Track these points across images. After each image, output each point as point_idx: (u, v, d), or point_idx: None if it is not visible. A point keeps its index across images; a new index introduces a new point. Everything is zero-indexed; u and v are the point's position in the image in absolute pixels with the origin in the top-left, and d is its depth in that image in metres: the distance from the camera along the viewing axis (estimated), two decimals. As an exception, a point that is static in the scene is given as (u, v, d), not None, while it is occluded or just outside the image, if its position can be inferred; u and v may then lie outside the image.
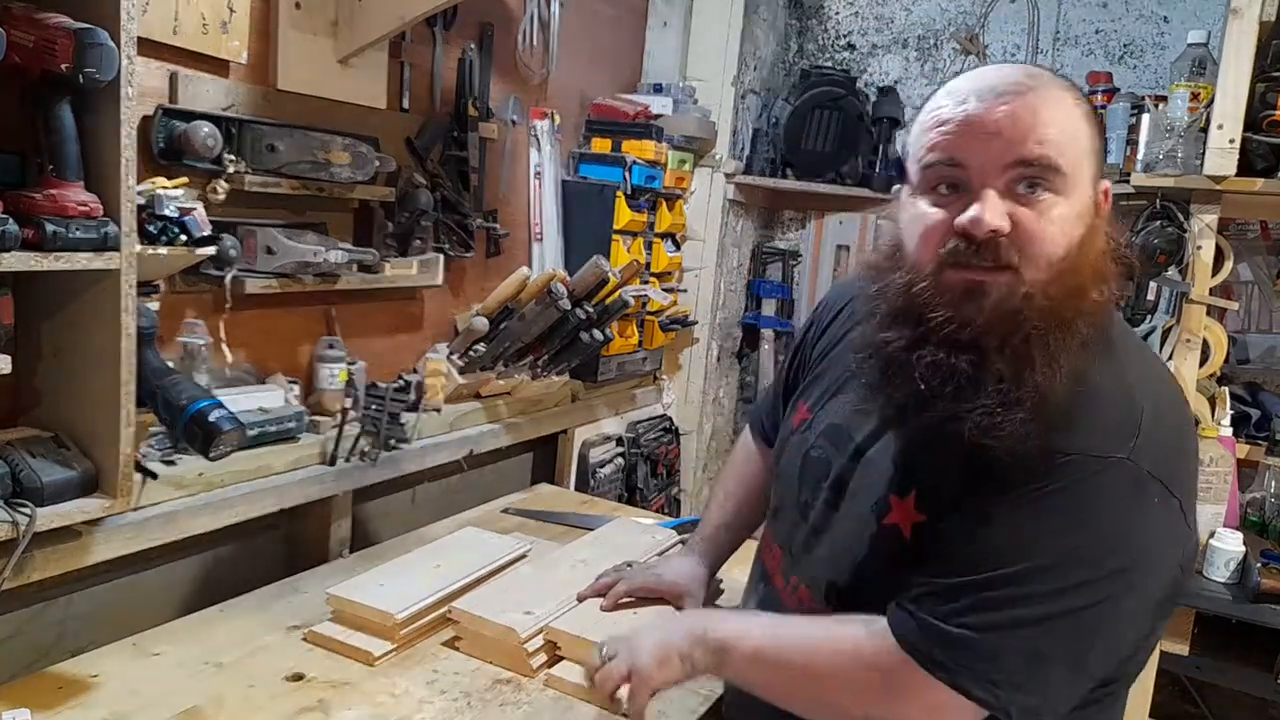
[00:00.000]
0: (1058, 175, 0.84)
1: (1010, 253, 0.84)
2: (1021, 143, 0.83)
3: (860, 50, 3.05)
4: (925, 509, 0.93)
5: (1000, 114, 0.83)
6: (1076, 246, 0.85)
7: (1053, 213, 0.84)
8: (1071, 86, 0.89)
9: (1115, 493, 0.83)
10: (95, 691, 1.21)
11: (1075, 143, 0.85)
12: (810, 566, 1.06)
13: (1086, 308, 0.86)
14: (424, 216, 1.90)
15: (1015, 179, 0.84)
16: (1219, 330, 2.00)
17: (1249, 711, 2.22)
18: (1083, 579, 0.82)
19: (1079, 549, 0.83)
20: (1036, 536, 0.84)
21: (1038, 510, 0.84)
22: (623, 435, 2.69)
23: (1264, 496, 2.07)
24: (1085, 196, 0.86)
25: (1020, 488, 0.84)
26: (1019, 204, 0.84)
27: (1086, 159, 0.86)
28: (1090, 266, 0.87)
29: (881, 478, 0.97)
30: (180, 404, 1.31)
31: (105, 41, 1.12)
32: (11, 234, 1.09)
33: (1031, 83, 0.85)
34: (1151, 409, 0.86)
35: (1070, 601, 0.82)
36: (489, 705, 1.25)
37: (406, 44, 1.90)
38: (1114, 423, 0.85)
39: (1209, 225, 1.92)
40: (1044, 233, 0.84)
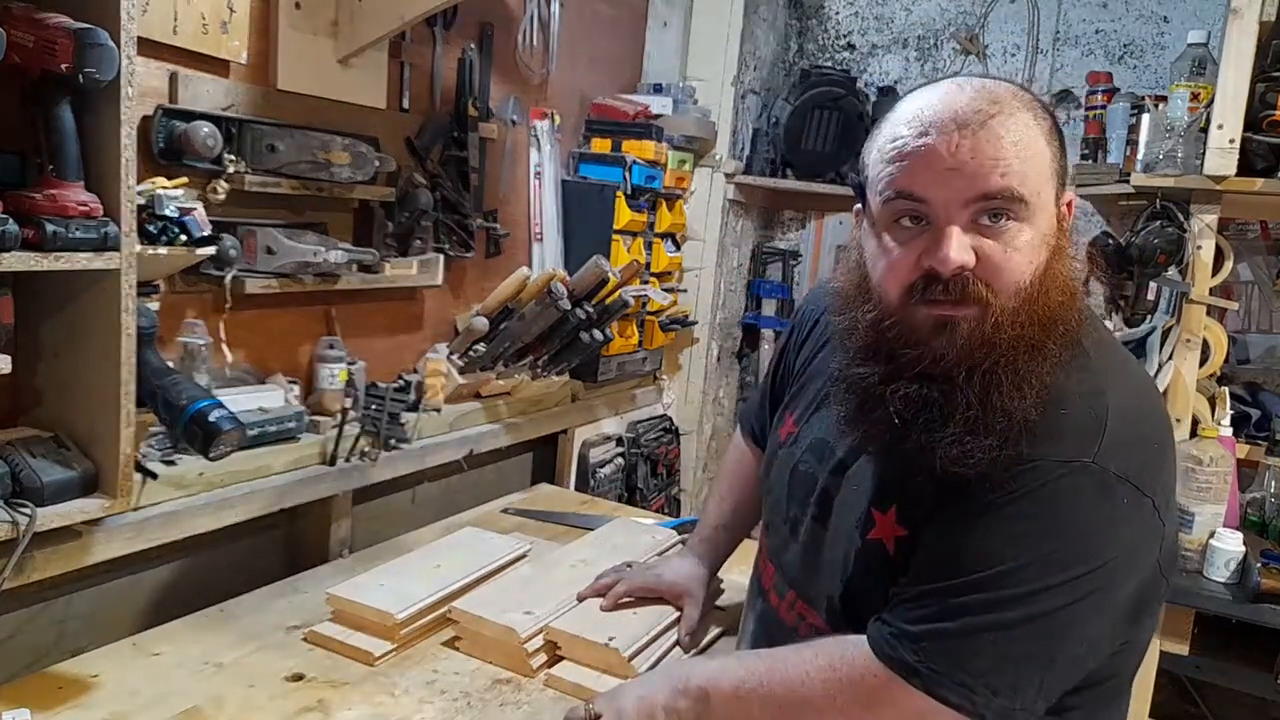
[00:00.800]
0: (1021, 204, 0.83)
1: (977, 286, 0.84)
2: (984, 177, 0.82)
3: (860, 50, 3.05)
4: (906, 524, 0.94)
5: (961, 148, 0.82)
6: (1043, 269, 0.86)
7: (1017, 241, 0.84)
8: (1032, 103, 0.87)
9: (1081, 496, 0.83)
10: (95, 692, 1.20)
11: (1037, 168, 0.84)
12: (807, 583, 1.06)
13: (1056, 328, 0.86)
14: (424, 216, 1.90)
15: (979, 211, 0.84)
16: (1219, 330, 2.00)
17: (1249, 711, 2.22)
18: (1050, 582, 0.83)
19: (1046, 552, 0.83)
20: (1003, 542, 0.84)
21: (1003, 516, 0.85)
22: (623, 435, 2.69)
23: (1264, 496, 2.07)
24: (1049, 217, 0.86)
25: (987, 497, 0.85)
26: (983, 235, 0.84)
27: (1049, 180, 0.86)
28: (1059, 287, 0.87)
29: (863, 493, 0.98)
30: (180, 404, 1.31)
31: (105, 41, 1.12)
32: (12, 234, 1.09)
33: (992, 109, 0.83)
34: (1118, 412, 0.86)
35: (1040, 604, 0.82)
36: (489, 705, 1.25)
37: (406, 44, 1.90)
38: (1078, 428, 0.85)
39: (1209, 225, 1.92)
40: (1009, 262, 0.84)
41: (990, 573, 0.84)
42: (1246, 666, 1.88)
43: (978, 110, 0.83)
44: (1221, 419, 1.97)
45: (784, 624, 1.10)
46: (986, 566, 0.84)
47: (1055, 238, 0.87)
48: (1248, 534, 1.93)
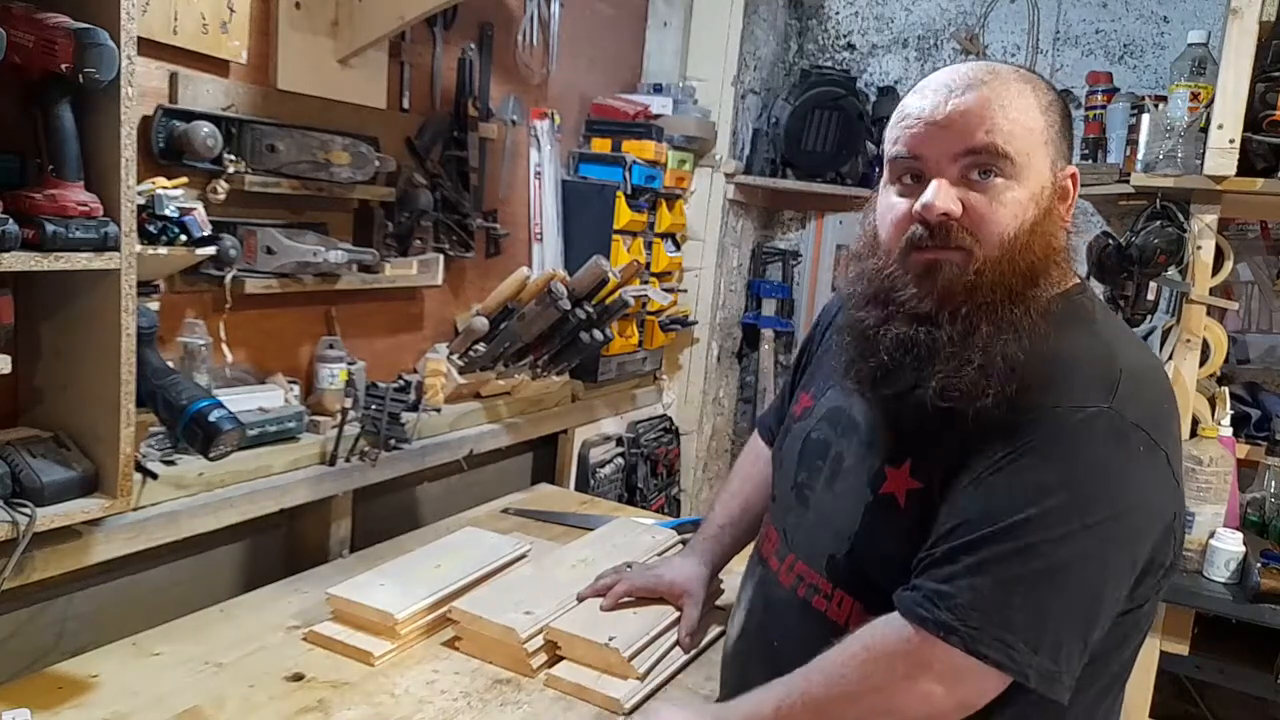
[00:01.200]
0: (1006, 161, 0.90)
1: (961, 234, 0.91)
2: (971, 133, 0.90)
3: (860, 50, 3.05)
4: (921, 477, 0.95)
5: (952, 107, 0.91)
6: (1029, 226, 0.91)
7: (1004, 196, 0.90)
8: (1033, 79, 0.94)
9: (1098, 440, 0.85)
10: (95, 691, 1.21)
11: (1028, 131, 0.91)
12: (808, 543, 1.07)
13: (1040, 281, 0.91)
14: (424, 216, 1.90)
15: (967, 166, 0.91)
16: (1219, 330, 2.00)
17: (1249, 711, 2.22)
18: (1074, 527, 0.83)
19: (1068, 497, 0.84)
20: (1026, 488, 0.85)
21: (1023, 465, 0.86)
22: (623, 435, 2.69)
23: (1264, 496, 2.07)
24: (1041, 181, 0.92)
25: (1005, 446, 0.87)
26: (971, 189, 0.91)
27: (1042, 146, 0.92)
28: (1043, 244, 0.92)
29: (876, 450, 1.00)
30: (180, 404, 1.31)
31: (105, 41, 1.12)
32: (12, 234, 1.09)
33: (988, 78, 0.92)
34: (1130, 369, 0.90)
35: (1069, 549, 0.83)
36: (489, 705, 1.25)
37: (406, 44, 1.90)
38: (1092, 379, 0.88)
39: (1209, 225, 1.92)
40: (994, 214, 0.90)
41: (1017, 519, 0.84)
42: (1246, 666, 1.88)
43: (972, 78, 0.92)
44: (1221, 419, 1.97)
45: (781, 585, 1.09)
46: (1012, 515, 0.85)
47: (1048, 201, 0.93)
48: (1247, 534, 1.93)
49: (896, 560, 0.94)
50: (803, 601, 1.05)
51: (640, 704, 1.28)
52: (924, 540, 0.92)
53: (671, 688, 1.34)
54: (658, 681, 1.32)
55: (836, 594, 1.01)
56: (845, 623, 0.98)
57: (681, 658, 1.38)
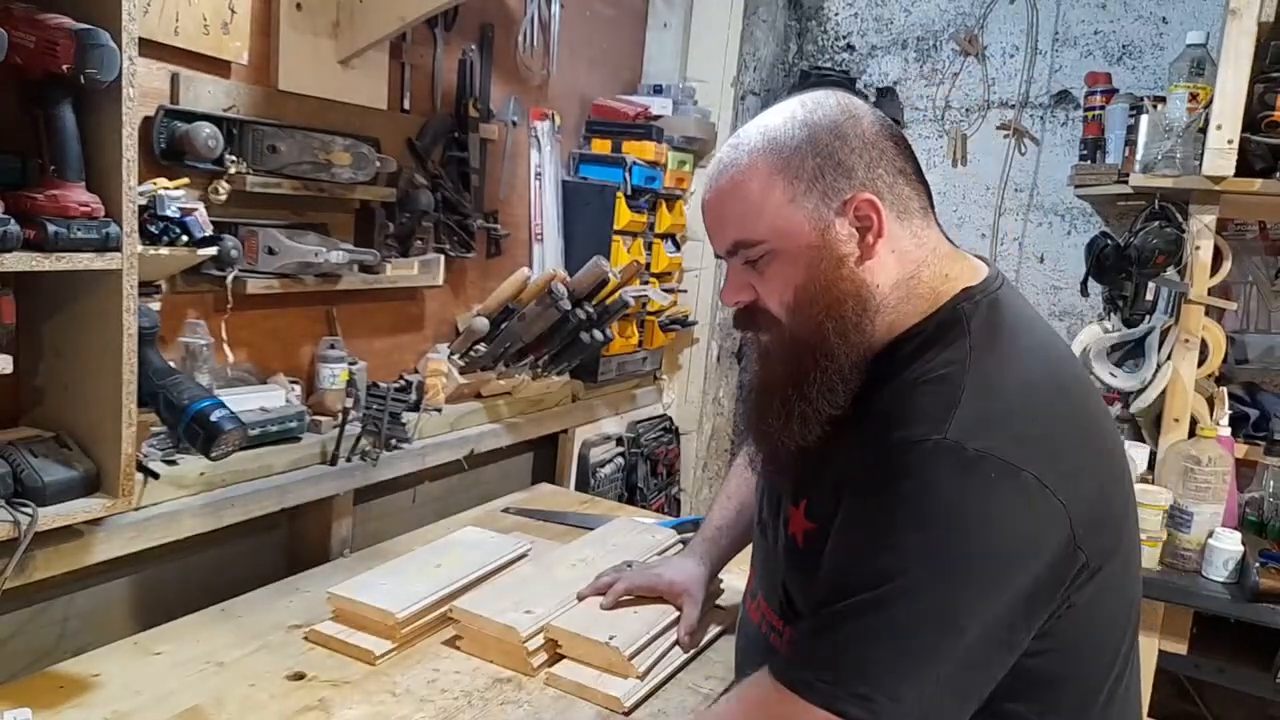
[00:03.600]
0: (756, 245, 0.94)
1: (760, 314, 0.98)
2: (724, 232, 0.98)
3: (859, 51, 3.05)
4: (813, 517, 0.95)
5: (707, 209, 1.00)
6: (805, 282, 0.93)
7: (769, 271, 0.95)
8: (764, 147, 0.94)
9: (935, 473, 0.80)
10: (96, 691, 1.21)
11: (768, 204, 0.93)
12: (766, 581, 1.09)
13: (832, 327, 0.92)
14: (425, 217, 1.91)
15: (740, 257, 0.97)
16: (1217, 330, 2.01)
17: (1248, 711, 2.22)
18: (929, 569, 0.79)
19: (918, 538, 0.80)
20: (875, 535, 0.82)
21: (870, 510, 0.84)
22: (623, 435, 2.69)
23: (1262, 496, 2.07)
24: (804, 236, 0.92)
25: (859, 495, 0.87)
26: (750, 272, 0.97)
27: (786, 207, 0.92)
28: (829, 291, 0.92)
29: (785, 490, 1.02)
30: (182, 404, 1.31)
31: (106, 42, 1.12)
32: (13, 234, 1.09)
33: (724, 174, 0.96)
34: (980, 385, 0.84)
35: (924, 596, 0.79)
36: (489, 704, 1.25)
37: (407, 45, 1.91)
38: (925, 409, 0.84)
39: (1207, 226, 1.92)
40: (770, 290, 0.95)
41: (869, 571, 0.81)
42: (1245, 666, 1.88)
43: (719, 169, 0.98)
44: (1220, 419, 1.97)
45: (751, 622, 1.12)
46: (866, 565, 0.82)
47: (819, 251, 0.92)
48: (1246, 534, 1.93)
49: (808, 600, 0.93)
50: (764, 638, 1.07)
51: (640, 703, 1.28)
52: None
53: (671, 687, 1.34)
54: (658, 680, 1.33)
55: (786, 631, 1.02)
56: None
57: (681, 657, 1.38)
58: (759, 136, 0.95)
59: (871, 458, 0.85)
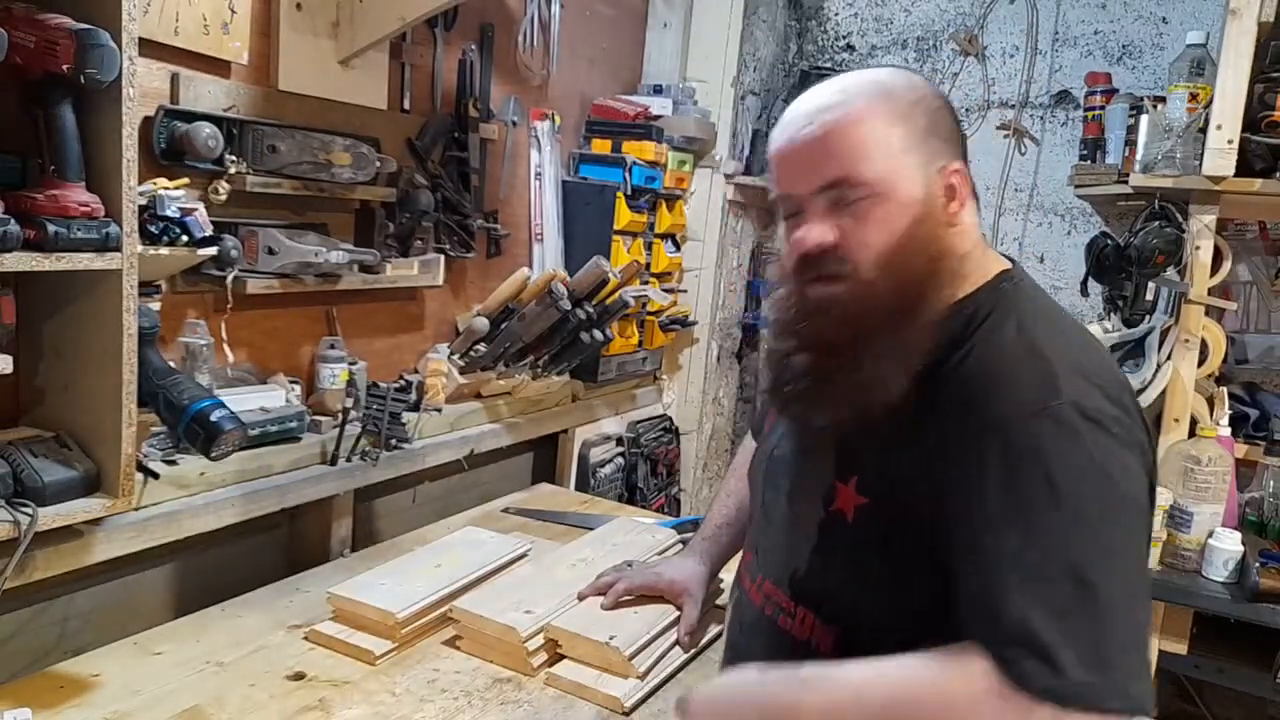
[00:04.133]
0: (864, 186, 0.91)
1: (840, 262, 0.92)
2: (821, 168, 0.92)
3: (859, 51, 3.05)
4: (867, 492, 0.94)
5: (802, 143, 0.94)
6: (902, 239, 0.91)
7: (871, 215, 0.91)
8: (888, 86, 0.94)
9: (1074, 436, 0.82)
10: (96, 691, 1.21)
11: (881, 148, 0.91)
12: (773, 561, 1.07)
13: (928, 287, 0.92)
14: (425, 217, 1.91)
15: (832, 198, 0.92)
16: (1217, 330, 2.01)
17: (1247, 711, 2.22)
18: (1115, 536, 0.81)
19: (1086, 508, 0.81)
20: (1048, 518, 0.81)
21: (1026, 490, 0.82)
22: (623, 435, 2.69)
23: (1262, 496, 2.07)
24: (910, 189, 0.92)
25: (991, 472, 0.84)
26: (843, 214, 0.92)
27: (901, 155, 0.92)
28: (927, 249, 0.92)
29: (826, 467, 1.00)
30: (182, 404, 1.31)
31: (106, 42, 1.12)
32: (13, 234, 1.09)
33: (836, 99, 0.93)
34: (1059, 357, 0.87)
35: (1116, 563, 0.81)
36: (489, 704, 1.25)
37: (407, 45, 1.91)
38: (1031, 377, 0.86)
39: (1207, 226, 1.92)
40: (864, 237, 0.91)
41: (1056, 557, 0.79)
42: (1245, 666, 1.88)
43: (820, 106, 0.94)
44: (1220, 419, 1.97)
45: (753, 605, 1.09)
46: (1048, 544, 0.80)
47: (923, 207, 0.92)
48: (1246, 534, 1.94)
49: (852, 575, 0.94)
50: (769, 620, 1.04)
51: (640, 703, 1.28)
52: (875, 554, 0.92)
53: (671, 687, 1.34)
54: (658, 680, 1.33)
55: (799, 611, 1.00)
56: (808, 639, 0.98)
57: (681, 657, 1.38)
58: (871, 86, 0.94)
59: (976, 436, 0.85)
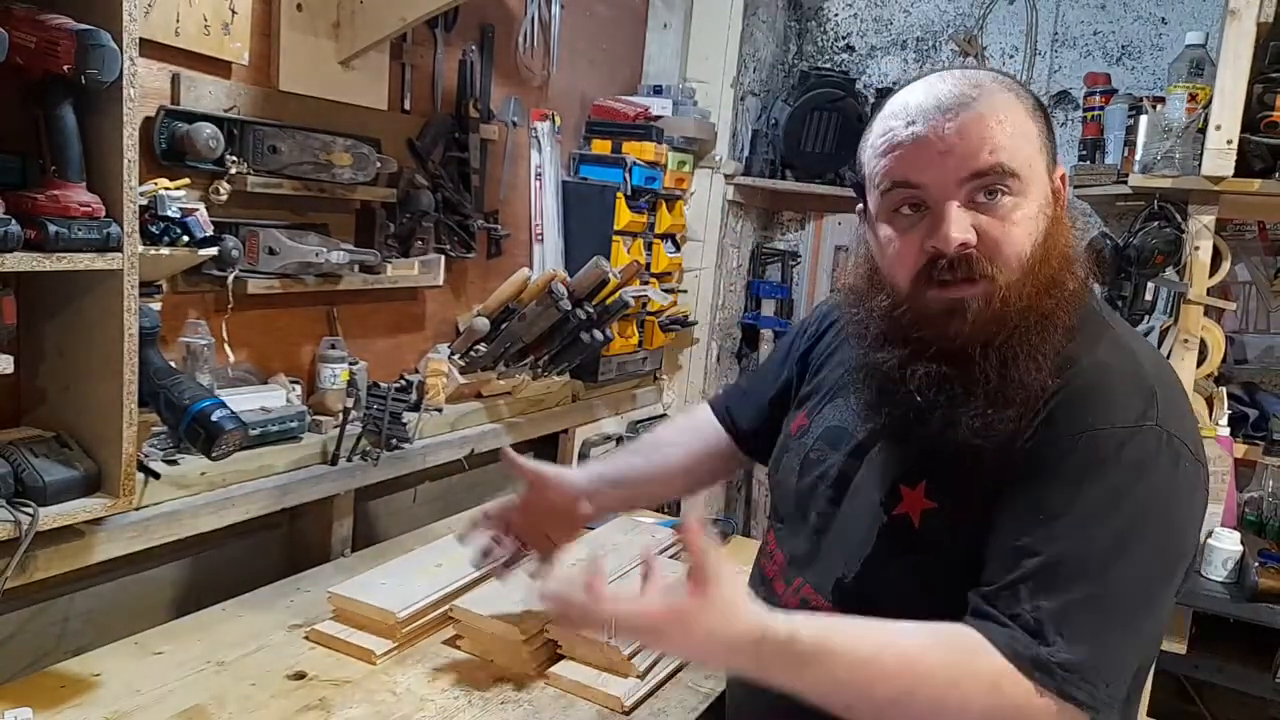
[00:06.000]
0: (1013, 179, 0.87)
1: (981, 263, 0.87)
2: (974, 155, 0.86)
3: (859, 52, 3.05)
4: (936, 497, 0.93)
5: (949, 130, 0.86)
6: (1042, 240, 0.89)
7: (1015, 214, 0.87)
8: (1014, 85, 0.92)
9: (1154, 460, 0.84)
10: (97, 690, 1.21)
11: (1026, 142, 0.88)
12: (816, 567, 1.05)
13: (1063, 295, 0.89)
14: (425, 217, 1.91)
15: (974, 190, 0.87)
16: (1217, 330, 2.01)
17: (1247, 710, 2.22)
18: (1148, 562, 0.83)
19: (1142, 529, 0.83)
20: (1094, 516, 0.83)
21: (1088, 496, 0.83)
22: (623, 435, 2.69)
23: (1261, 496, 2.08)
24: (1043, 190, 0.90)
25: (1058, 472, 0.85)
26: (981, 213, 0.87)
27: (1038, 154, 0.89)
28: (1059, 255, 0.90)
29: (889, 471, 0.98)
30: (183, 404, 1.31)
31: (107, 43, 1.12)
32: (14, 234, 1.09)
33: (975, 92, 0.88)
34: (1158, 377, 0.89)
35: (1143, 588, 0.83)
36: (490, 704, 1.26)
37: (407, 45, 1.91)
38: (1130, 395, 0.87)
39: (1207, 226, 1.93)
40: (1009, 236, 0.87)
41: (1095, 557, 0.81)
42: (1244, 666, 1.89)
43: (960, 94, 0.88)
44: (1219, 419, 1.98)
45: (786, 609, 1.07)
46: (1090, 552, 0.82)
47: (1051, 208, 0.90)
48: (1245, 533, 1.94)
49: (908, 580, 0.93)
50: None
51: (640, 702, 1.28)
52: (939, 558, 0.91)
53: (671, 686, 1.34)
54: (658, 680, 1.33)
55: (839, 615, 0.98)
56: None
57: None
58: (1001, 81, 0.91)
59: (1065, 440, 0.85)
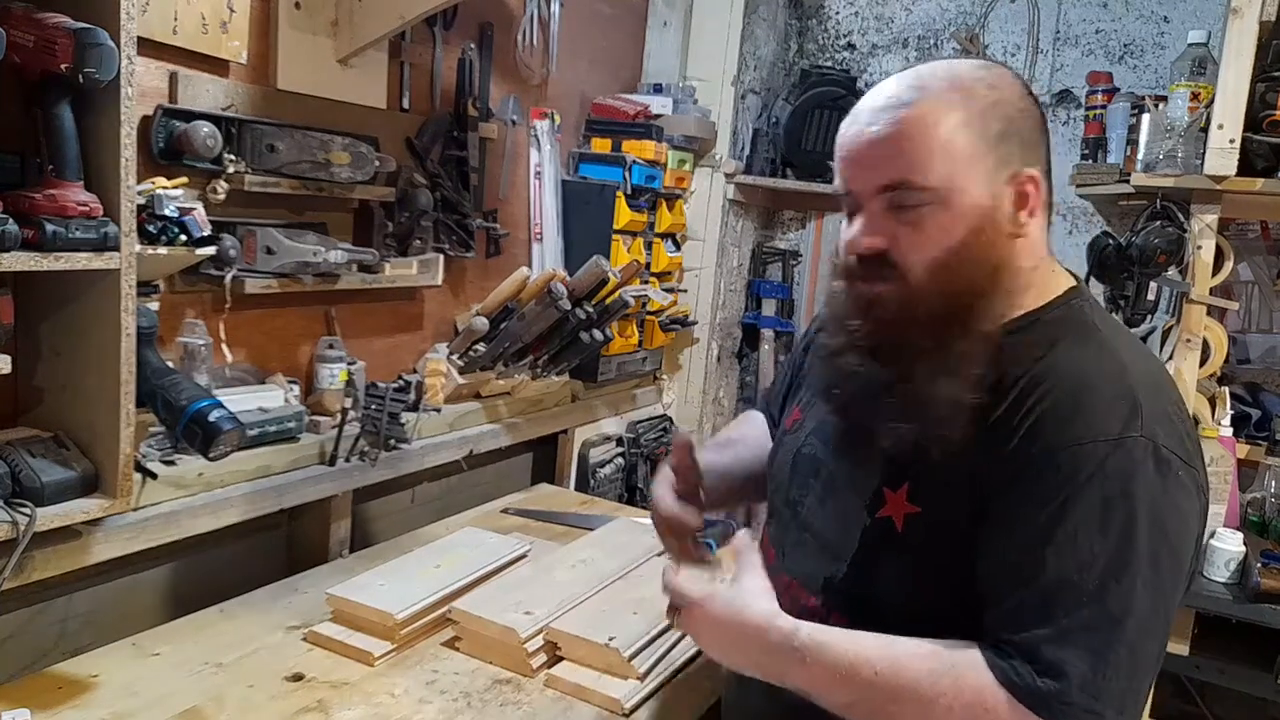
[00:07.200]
0: (924, 191, 0.88)
1: (887, 267, 0.90)
2: (883, 168, 0.89)
3: (860, 50, 3.05)
4: (919, 501, 0.93)
5: (867, 141, 0.90)
6: (959, 249, 0.89)
7: (927, 223, 0.89)
8: (967, 85, 0.90)
9: (1142, 472, 0.82)
10: (95, 691, 1.21)
11: (945, 155, 0.88)
12: (802, 563, 1.04)
13: (984, 300, 0.89)
14: (424, 216, 1.90)
15: (890, 199, 0.90)
16: (1219, 330, 2.00)
17: (1248, 711, 2.22)
18: (1143, 579, 0.81)
19: (1136, 545, 0.81)
20: (1087, 534, 0.82)
21: (1075, 505, 0.82)
22: (623, 435, 2.69)
23: (1264, 496, 2.07)
24: (973, 198, 0.89)
25: (1043, 488, 0.84)
26: (897, 219, 0.90)
27: (968, 161, 0.89)
28: (982, 262, 0.89)
29: (871, 471, 0.98)
30: (180, 404, 1.31)
31: (105, 41, 1.12)
32: (12, 234, 1.09)
33: (910, 97, 0.89)
34: (1144, 384, 0.87)
35: (1141, 605, 0.81)
36: (489, 705, 1.25)
37: (406, 44, 1.90)
38: (1114, 405, 0.85)
39: (1209, 225, 1.92)
40: (917, 243, 0.89)
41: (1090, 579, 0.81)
42: (1246, 666, 1.88)
43: (892, 100, 0.90)
44: (1222, 419, 1.97)
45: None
46: (1083, 573, 0.81)
47: (982, 218, 0.89)
48: (1248, 534, 1.94)
49: (894, 582, 0.93)
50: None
51: (640, 704, 1.28)
52: (922, 563, 0.91)
53: (671, 688, 1.34)
54: (658, 681, 1.32)
55: (832, 616, 0.98)
56: None
57: (682, 658, 1.38)
58: (947, 83, 0.90)
59: (1047, 456, 0.84)
